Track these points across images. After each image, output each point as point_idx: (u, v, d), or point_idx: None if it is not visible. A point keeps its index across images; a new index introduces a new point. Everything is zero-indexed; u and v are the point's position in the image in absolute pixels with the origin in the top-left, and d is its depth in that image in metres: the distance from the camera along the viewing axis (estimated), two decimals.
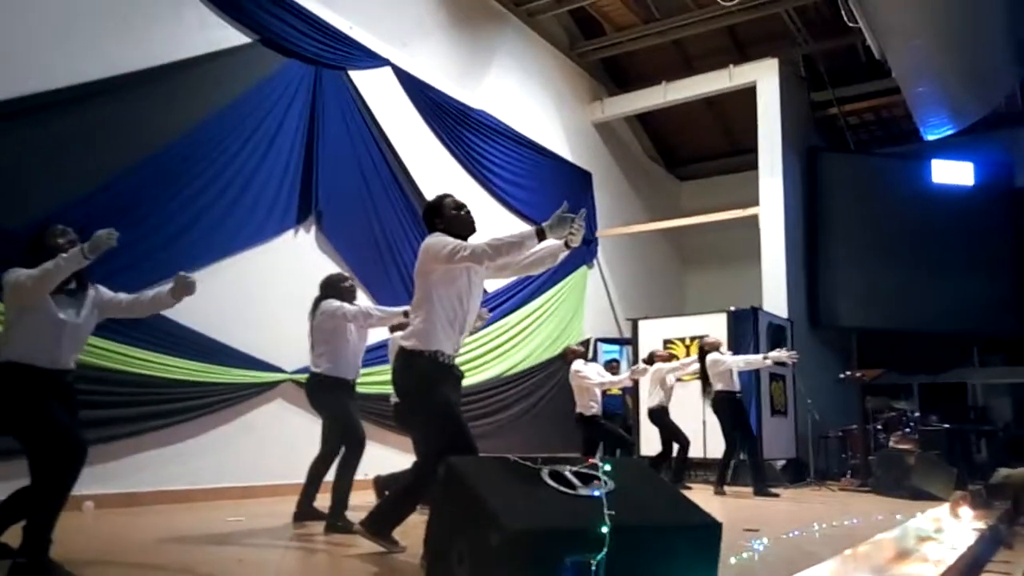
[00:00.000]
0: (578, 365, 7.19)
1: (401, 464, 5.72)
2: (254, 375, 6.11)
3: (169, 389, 5.47)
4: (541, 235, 3.15)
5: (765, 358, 7.46)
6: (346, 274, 5.02)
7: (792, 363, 7.57)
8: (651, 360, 8.23)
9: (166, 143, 5.61)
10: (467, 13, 9.15)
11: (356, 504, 4.34)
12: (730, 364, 7.44)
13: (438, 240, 3.28)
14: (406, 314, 4.27)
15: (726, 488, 7.40)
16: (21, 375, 2.90)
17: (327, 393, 4.46)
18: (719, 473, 7.49)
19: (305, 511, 4.53)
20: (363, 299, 6.62)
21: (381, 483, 5.36)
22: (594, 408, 7.12)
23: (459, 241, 3.25)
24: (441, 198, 3.50)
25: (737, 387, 7.47)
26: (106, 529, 4.28)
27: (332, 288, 4.62)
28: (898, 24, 8.75)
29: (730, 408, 7.40)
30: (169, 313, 5.46)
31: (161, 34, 5.74)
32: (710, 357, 7.52)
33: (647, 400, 8.12)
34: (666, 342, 9.06)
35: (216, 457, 5.84)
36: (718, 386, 7.43)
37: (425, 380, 3.24)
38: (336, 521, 4.12)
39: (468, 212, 3.46)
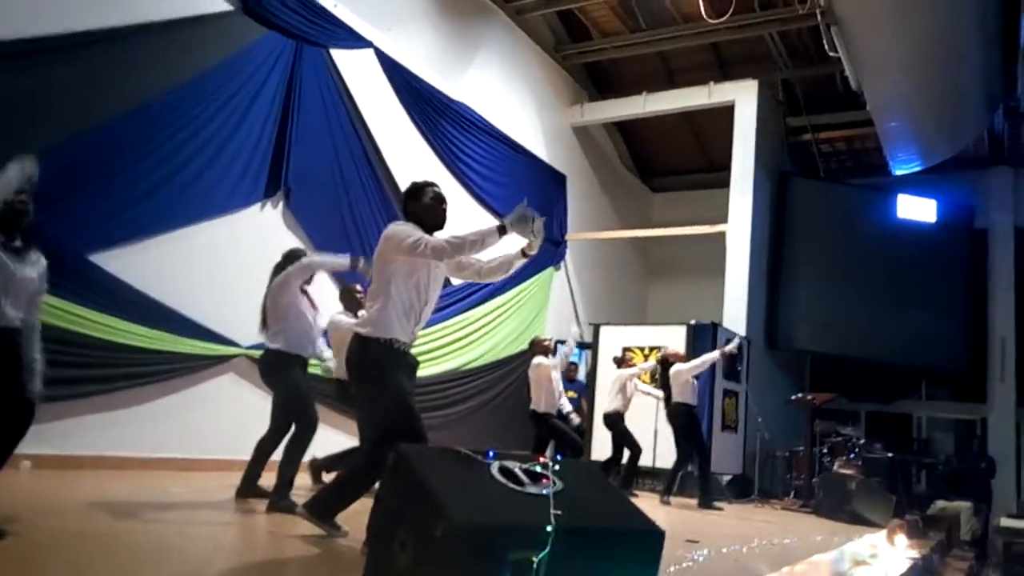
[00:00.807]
0: (539, 359, 7.18)
1: (344, 446, 5.70)
2: (207, 347, 6.00)
3: (118, 353, 5.35)
4: (502, 231, 3.17)
5: (721, 352, 7.63)
6: (307, 250, 4.94)
7: (734, 352, 7.79)
8: (619, 363, 8.24)
9: (139, 103, 5.48)
10: (455, 4, 9.10)
11: (300, 485, 4.29)
12: (691, 369, 7.52)
13: (401, 230, 3.25)
14: (353, 264, 4.25)
15: (671, 499, 7.46)
16: None
17: (282, 370, 4.39)
18: (667, 482, 7.55)
19: (249, 488, 4.46)
20: (325, 279, 6.54)
21: (317, 466, 5.33)
22: (549, 406, 7.09)
23: (422, 235, 3.22)
24: (425, 184, 3.46)
25: (695, 401, 7.54)
26: (41, 490, 4.17)
27: (290, 262, 4.55)
28: (878, 59, 8.93)
29: (686, 420, 7.47)
30: (124, 276, 5.41)
31: None
32: (674, 368, 7.57)
33: (605, 404, 8.13)
34: (625, 349, 9.10)
35: (162, 427, 5.73)
36: (678, 398, 7.48)
37: (379, 366, 3.22)
38: (280, 500, 4.06)
39: (445, 209, 3.43)
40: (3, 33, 4.76)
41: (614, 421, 7.90)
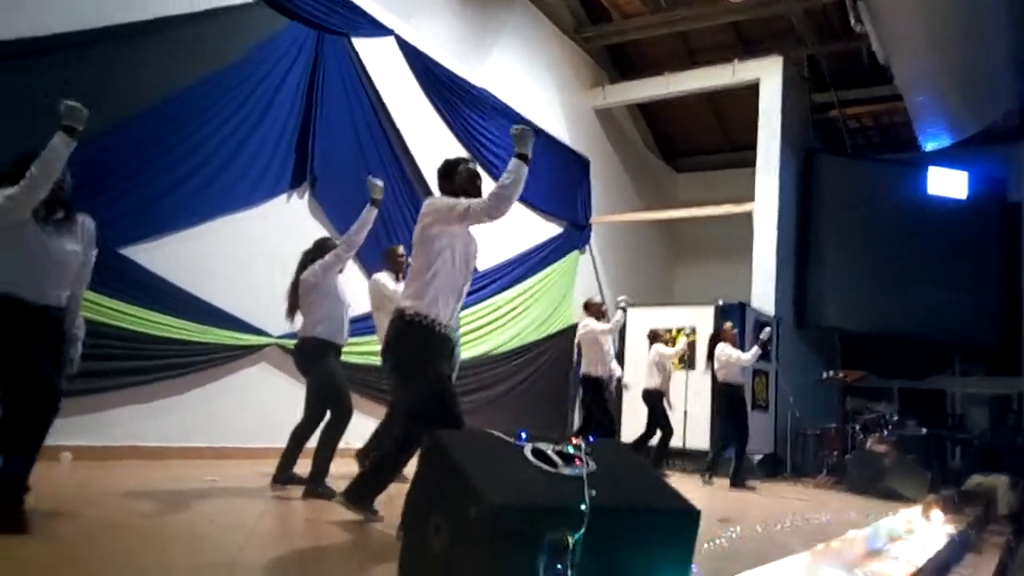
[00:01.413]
0: (588, 321, 7.20)
1: None
2: (239, 337, 6.08)
3: (152, 345, 5.43)
4: (524, 159, 3.18)
5: (761, 347, 7.53)
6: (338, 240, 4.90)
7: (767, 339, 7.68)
8: (654, 338, 8.20)
9: (164, 97, 5.54)
10: None
11: (337, 473, 4.34)
12: (736, 361, 7.47)
13: (443, 202, 3.23)
14: (375, 190, 4.25)
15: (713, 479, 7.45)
16: (2, 308, 2.78)
17: (318, 358, 4.41)
18: (710, 462, 7.51)
19: (284, 475, 4.52)
20: (352, 268, 6.58)
21: (363, 454, 5.35)
22: (599, 371, 7.07)
23: (465, 200, 3.20)
24: (458, 161, 3.45)
25: (741, 380, 7.49)
26: (81, 481, 4.26)
27: (321, 252, 4.56)
28: (905, 33, 8.76)
29: (730, 401, 7.44)
30: (157, 269, 5.48)
31: None
32: (720, 347, 7.53)
33: (644, 381, 7.98)
34: (652, 331, 9.07)
35: (196, 416, 5.82)
36: (724, 378, 7.44)
37: (418, 353, 3.20)
38: (316, 487, 4.11)
39: (479, 186, 3.40)
40: (28, 30, 4.81)
41: (654, 399, 7.80)
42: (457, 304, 3.32)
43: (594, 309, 7.33)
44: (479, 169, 3.48)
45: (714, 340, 7.69)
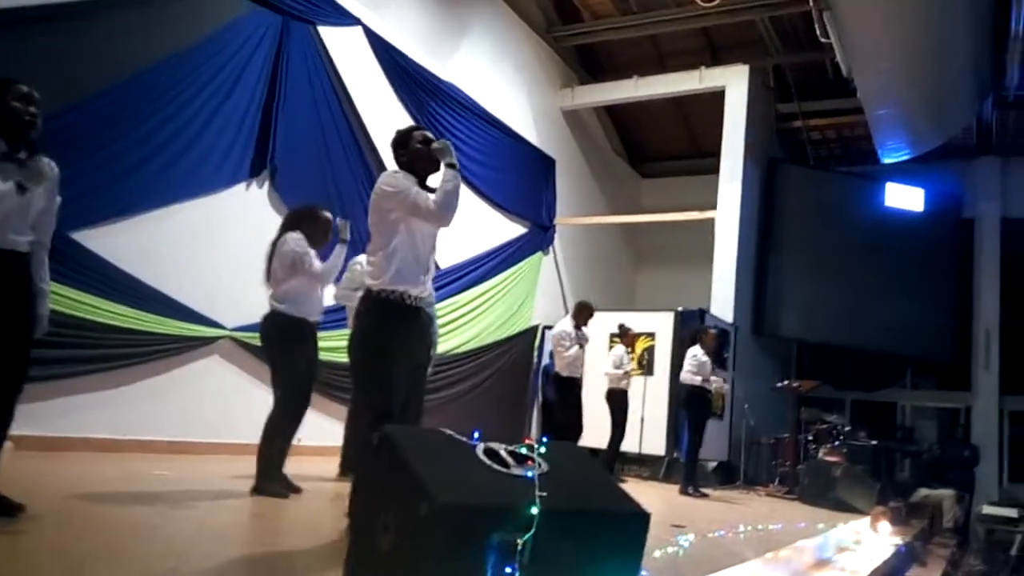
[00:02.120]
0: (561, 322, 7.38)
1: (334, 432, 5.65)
2: (192, 328, 5.92)
3: (102, 334, 5.26)
4: (454, 168, 3.15)
5: (704, 381, 7.27)
6: (326, 209, 4.62)
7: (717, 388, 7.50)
8: (623, 333, 8.16)
9: (121, 79, 5.37)
10: None
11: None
12: (690, 366, 7.29)
13: (398, 184, 3.13)
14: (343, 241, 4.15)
15: (659, 484, 7.46)
16: None
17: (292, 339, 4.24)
18: (689, 472, 7.35)
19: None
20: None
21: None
22: (571, 372, 7.14)
23: (425, 195, 3.13)
24: (410, 129, 3.36)
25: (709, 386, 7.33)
26: (24, 473, 4.09)
27: (305, 219, 4.37)
28: (869, 46, 8.90)
29: (699, 404, 7.28)
30: (108, 255, 5.32)
31: None
32: (692, 350, 7.40)
33: (609, 381, 7.82)
34: (613, 335, 9.07)
35: (146, 409, 5.65)
36: (691, 381, 7.26)
37: (381, 335, 3.08)
38: (265, 486, 4.01)
39: (433, 147, 3.26)
40: None
41: (620, 400, 7.72)
42: (427, 276, 3.21)
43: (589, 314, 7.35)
44: (430, 134, 3.36)
45: (692, 342, 7.58)
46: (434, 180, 3.28)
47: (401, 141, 3.32)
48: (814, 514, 6.61)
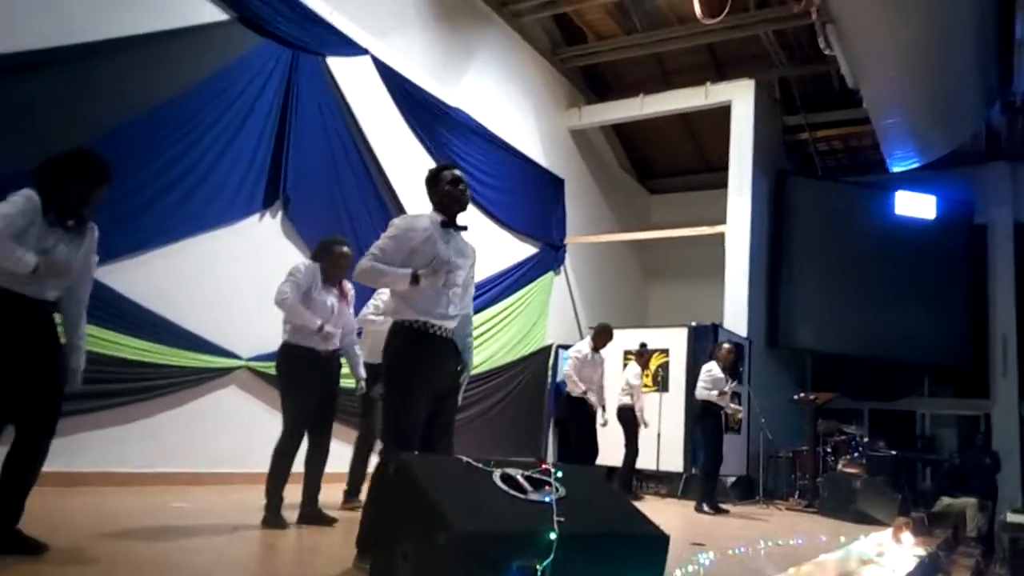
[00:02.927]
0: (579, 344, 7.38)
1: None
2: (209, 359, 5.98)
3: (120, 368, 5.32)
4: (415, 280, 3.10)
5: (719, 395, 7.23)
6: (345, 241, 4.56)
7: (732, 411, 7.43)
8: (641, 352, 8.16)
9: (135, 115, 5.47)
10: (450, 9, 9.11)
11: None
12: (705, 382, 7.28)
13: (387, 232, 3.25)
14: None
15: (677, 501, 7.42)
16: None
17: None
18: (710, 489, 7.29)
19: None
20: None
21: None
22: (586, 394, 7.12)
23: (375, 249, 3.20)
24: (441, 169, 3.39)
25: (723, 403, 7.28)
26: (45, 509, 4.14)
27: (321, 251, 4.40)
28: (873, 56, 8.92)
29: (714, 420, 7.23)
30: (124, 290, 5.38)
31: (138, 4, 5.60)
32: (707, 365, 7.40)
33: (621, 399, 7.93)
34: (627, 353, 9.08)
35: (166, 442, 5.70)
36: (706, 396, 7.24)
37: (404, 362, 3.13)
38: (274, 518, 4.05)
39: (463, 190, 3.34)
40: (5, 45, 4.75)
41: (629, 417, 7.83)
42: (451, 306, 3.21)
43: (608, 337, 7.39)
44: (459, 174, 3.39)
45: (710, 358, 7.57)
46: (463, 218, 3.37)
47: (431, 180, 3.37)
48: (835, 527, 6.56)
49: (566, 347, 10.93)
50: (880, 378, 12.32)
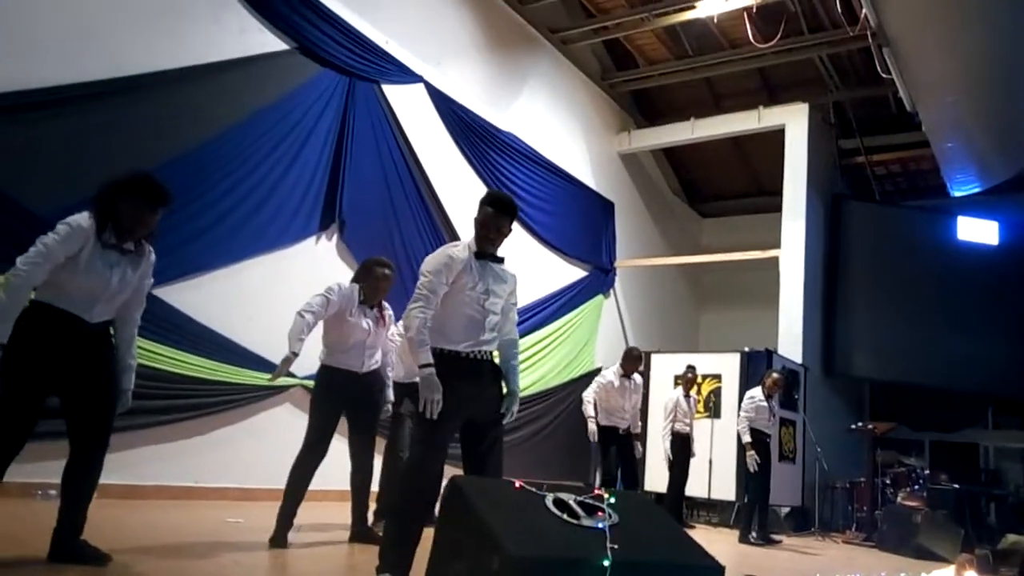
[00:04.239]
0: (607, 371, 7.23)
1: None
2: (266, 378, 6.09)
3: (180, 384, 5.48)
4: (426, 368, 3.02)
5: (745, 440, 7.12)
6: (387, 263, 4.50)
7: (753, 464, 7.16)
8: (689, 373, 8.11)
9: (198, 142, 5.67)
10: (503, 36, 9.24)
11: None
12: (750, 410, 7.19)
13: (424, 270, 3.22)
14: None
15: (728, 531, 7.28)
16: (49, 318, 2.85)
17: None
18: (758, 519, 7.14)
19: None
20: None
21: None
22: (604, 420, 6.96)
23: (424, 290, 3.16)
24: (484, 199, 3.29)
25: (764, 428, 7.18)
26: (102, 520, 4.26)
27: (362, 272, 4.41)
28: (932, 79, 8.76)
29: (757, 448, 7.08)
30: (186, 308, 5.55)
31: (201, 35, 5.83)
32: (750, 391, 7.34)
33: (679, 426, 7.86)
34: (677, 377, 8.98)
35: (219, 457, 5.84)
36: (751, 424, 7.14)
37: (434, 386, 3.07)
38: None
39: (492, 225, 3.21)
40: (69, 77, 4.97)
41: (676, 443, 7.77)
42: (484, 334, 3.17)
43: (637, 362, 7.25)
44: (494, 214, 3.22)
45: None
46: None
47: (479, 204, 3.28)
48: (895, 563, 6.36)
49: None
50: (941, 408, 11.93)
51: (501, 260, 3.30)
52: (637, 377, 7.18)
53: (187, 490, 5.56)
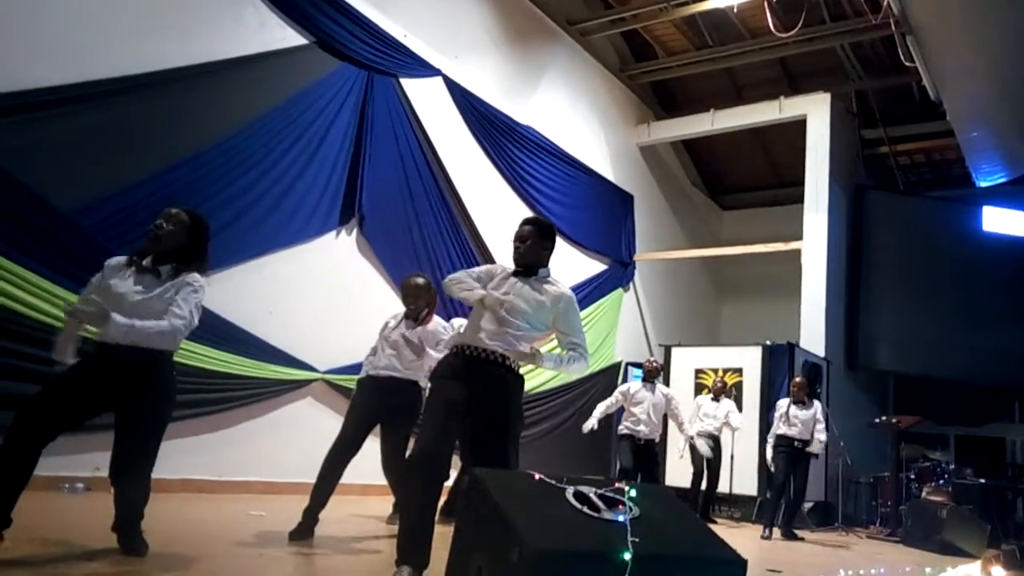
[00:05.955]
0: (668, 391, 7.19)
1: None
2: (287, 372, 6.15)
3: (203, 379, 5.52)
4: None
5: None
6: (417, 276, 4.58)
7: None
8: (720, 383, 8.15)
9: (219, 138, 5.71)
10: (521, 29, 9.20)
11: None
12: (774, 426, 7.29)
13: (455, 280, 3.39)
14: None
15: (751, 526, 7.24)
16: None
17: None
18: (784, 513, 7.19)
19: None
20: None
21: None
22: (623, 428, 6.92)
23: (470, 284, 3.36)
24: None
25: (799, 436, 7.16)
26: None
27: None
28: (956, 68, 8.63)
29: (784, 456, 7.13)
30: (206, 303, 5.55)
31: (221, 31, 5.85)
32: (780, 403, 7.44)
33: (707, 425, 7.91)
34: (698, 371, 8.94)
35: (242, 450, 5.88)
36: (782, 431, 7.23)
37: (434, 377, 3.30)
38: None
39: (516, 247, 3.40)
40: (91, 73, 5.00)
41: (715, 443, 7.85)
42: (489, 326, 3.22)
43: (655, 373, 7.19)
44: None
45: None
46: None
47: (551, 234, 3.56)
48: (920, 558, 6.29)
49: (636, 365, 10.82)
50: (967, 402, 11.75)
51: (532, 275, 3.43)
52: (658, 386, 7.05)
53: (209, 483, 5.60)
